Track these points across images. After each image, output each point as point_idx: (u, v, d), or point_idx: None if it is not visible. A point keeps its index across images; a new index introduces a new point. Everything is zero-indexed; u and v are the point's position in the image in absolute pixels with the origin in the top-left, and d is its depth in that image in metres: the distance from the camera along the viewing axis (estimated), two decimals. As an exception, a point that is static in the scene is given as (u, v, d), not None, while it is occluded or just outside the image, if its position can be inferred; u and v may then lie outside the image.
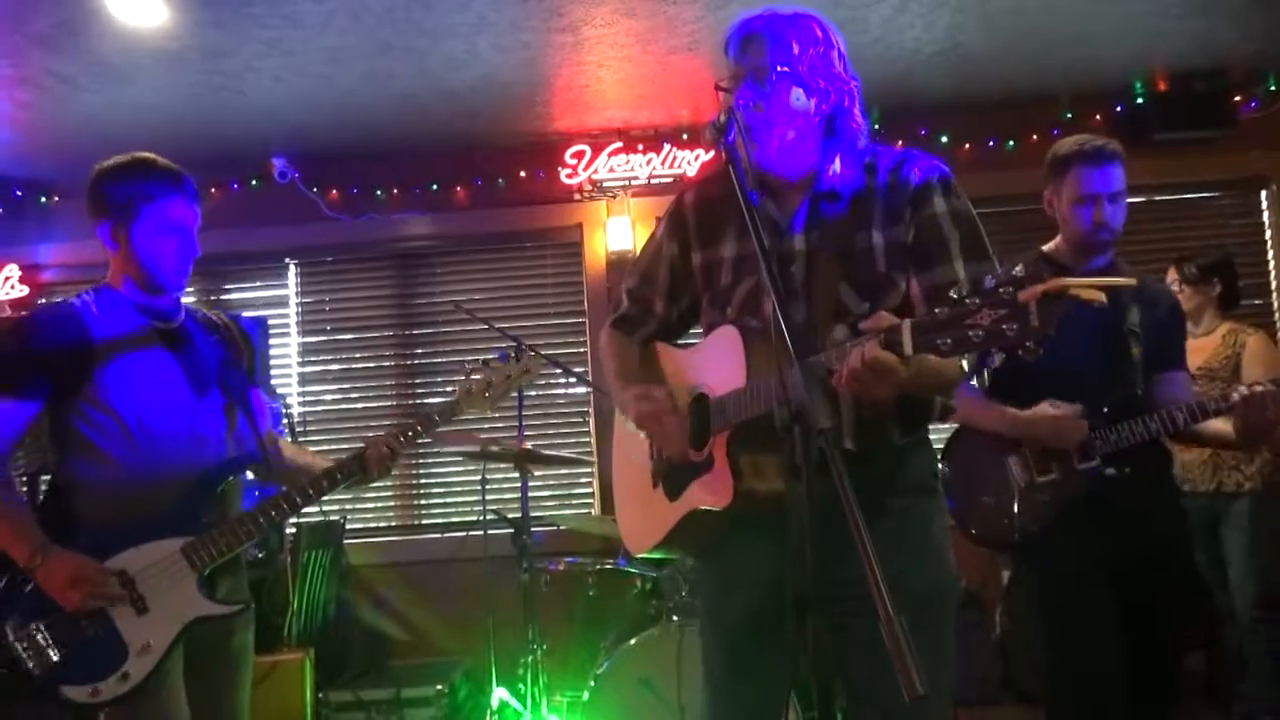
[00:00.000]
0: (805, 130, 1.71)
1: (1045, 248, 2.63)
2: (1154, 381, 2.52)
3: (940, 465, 2.63)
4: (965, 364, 1.27)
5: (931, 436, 1.83)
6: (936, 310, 1.27)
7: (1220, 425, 2.40)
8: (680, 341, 2.00)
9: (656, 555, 1.91)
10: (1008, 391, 2.63)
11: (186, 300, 2.37)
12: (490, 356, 2.46)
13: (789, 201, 1.76)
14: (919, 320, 1.30)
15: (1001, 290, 1.19)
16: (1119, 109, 4.86)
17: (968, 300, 1.22)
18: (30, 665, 2.04)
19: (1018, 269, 1.20)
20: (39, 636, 2.05)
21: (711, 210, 1.85)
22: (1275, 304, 4.95)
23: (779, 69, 1.69)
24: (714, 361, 1.72)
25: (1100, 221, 2.48)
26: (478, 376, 2.42)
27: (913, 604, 1.14)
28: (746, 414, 1.59)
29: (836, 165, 1.73)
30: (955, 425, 2.70)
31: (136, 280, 2.20)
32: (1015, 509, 2.46)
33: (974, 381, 2.70)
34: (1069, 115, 4.84)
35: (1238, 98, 4.78)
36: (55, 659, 2.04)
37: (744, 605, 1.76)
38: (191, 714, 2.14)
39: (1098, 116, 4.88)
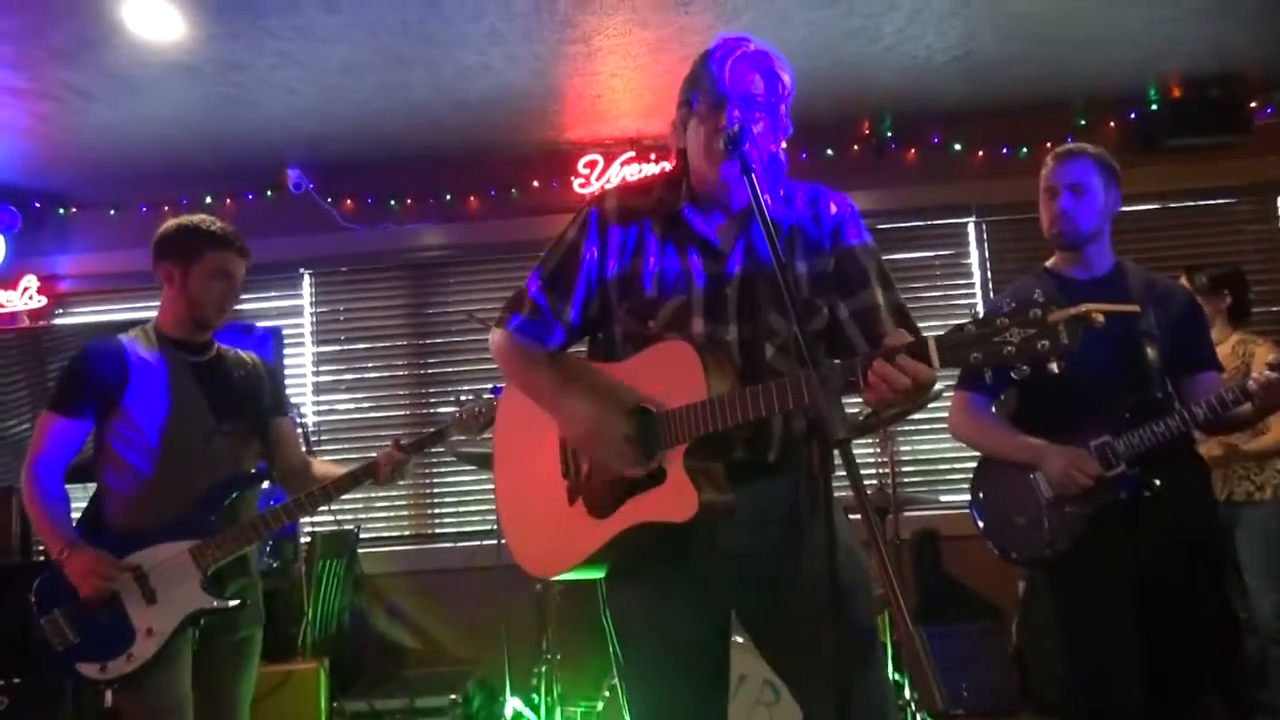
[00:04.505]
0: (768, 163, 1.76)
1: (1047, 264, 2.64)
2: (1185, 384, 2.50)
3: (972, 493, 2.65)
4: (988, 375, 1.39)
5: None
6: (964, 327, 1.40)
7: (1249, 408, 2.38)
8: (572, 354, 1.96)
9: (570, 577, 1.85)
10: (1028, 403, 2.63)
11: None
12: (485, 388, 2.71)
13: (727, 227, 1.81)
14: (944, 337, 1.43)
15: (1031, 313, 1.35)
16: (1133, 115, 4.84)
17: (997, 320, 1.37)
18: (54, 644, 2.38)
19: (1036, 294, 1.36)
20: (61, 619, 2.38)
21: (634, 221, 1.84)
22: (1292, 310, 4.91)
23: (773, 102, 1.75)
24: (661, 375, 1.69)
25: (1056, 212, 2.50)
26: (470, 404, 2.64)
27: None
28: (716, 426, 1.60)
29: (767, 198, 1.77)
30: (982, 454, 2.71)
31: (182, 316, 2.52)
32: (1045, 524, 2.44)
33: (993, 406, 2.70)
34: (1082, 122, 4.83)
35: (1253, 104, 4.76)
36: (73, 639, 2.37)
37: (682, 612, 1.76)
38: (193, 699, 2.40)
39: (1111, 123, 4.87)
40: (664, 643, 1.78)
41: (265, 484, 2.70)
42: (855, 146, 4.98)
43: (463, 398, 2.66)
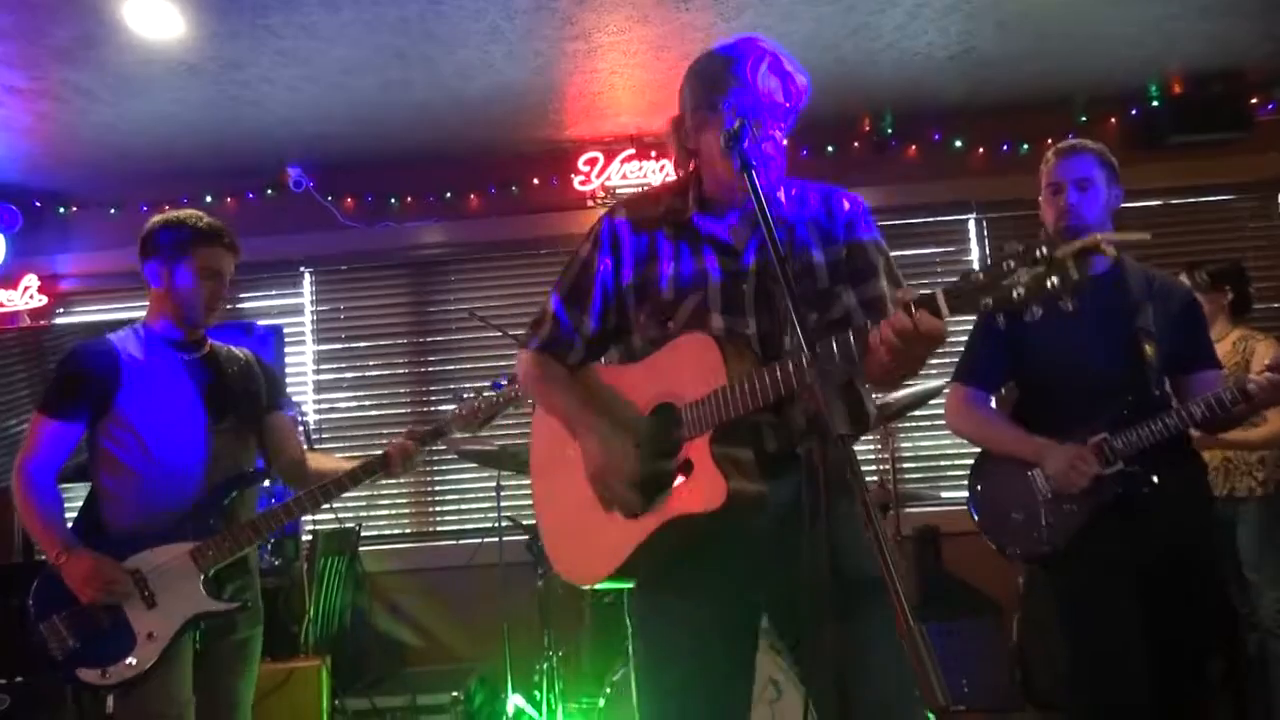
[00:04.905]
0: (780, 165, 1.80)
1: None
2: (1184, 382, 2.51)
3: (970, 489, 2.66)
4: (1000, 321, 1.36)
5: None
6: (970, 274, 1.38)
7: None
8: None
9: (608, 585, 1.85)
10: (1027, 400, 2.63)
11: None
12: (484, 385, 2.69)
13: (740, 227, 1.83)
14: (952, 286, 1.40)
15: (1038, 251, 1.31)
16: (1134, 112, 4.83)
17: (1004, 263, 1.33)
18: (52, 650, 2.33)
19: (1043, 236, 1.28)
20: (60, 625, 2.33)
21: (645, 229, 1.88)
22: (1293, 307, 4.91)
23: (788, 106, 1.77)
24: (682, 368, 1.72)
25: (1062, 207, 2.49)
26: (469, 400, 2.65)
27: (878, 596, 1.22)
28: (737, 410, 1.62)
29: (781, 195, 1.84)
30: (980, 450, 2.72)
31: (171, 315, 2.48)
32: (1043, 521, 2.45)
33: (992, 400, 2.71)
34: (1084, 119, 4.82)
35: (1255, 100, 4.75)
36: (73, 645, 2.33)
37: (711, 620, 1.76)
38: (194, 701, 2.37)
39: (1113, 120, 4.86)
40: (690, 656, 1.78)
41: (265, 483, 2.69)
42: (856, 143, 4.98)
43: (464, 395, 2.65)
